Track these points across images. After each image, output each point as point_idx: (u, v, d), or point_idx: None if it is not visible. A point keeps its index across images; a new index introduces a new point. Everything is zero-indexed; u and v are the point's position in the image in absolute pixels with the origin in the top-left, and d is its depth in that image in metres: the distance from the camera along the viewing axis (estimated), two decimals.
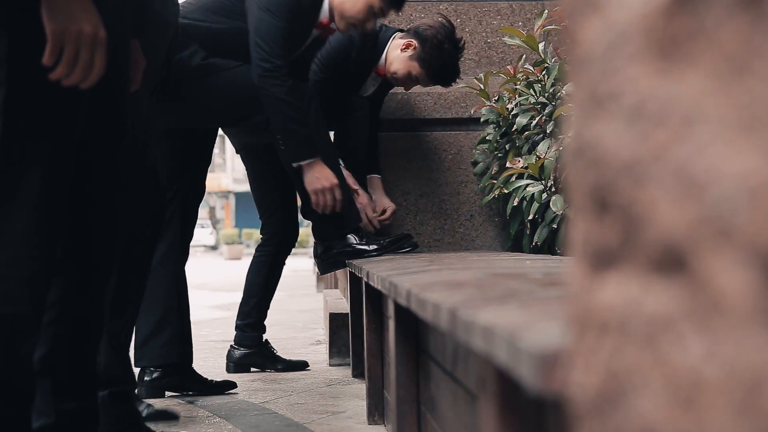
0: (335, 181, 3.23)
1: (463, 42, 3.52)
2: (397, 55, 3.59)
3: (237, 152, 3.83)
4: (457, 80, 3.56)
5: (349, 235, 3.31)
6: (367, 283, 2.61)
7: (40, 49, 1.48)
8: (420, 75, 3.52)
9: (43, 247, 1.56)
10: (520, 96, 3.32)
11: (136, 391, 2.57)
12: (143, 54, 1.96)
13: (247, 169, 3.90)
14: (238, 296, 4.23)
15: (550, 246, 3.02)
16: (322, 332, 5.34)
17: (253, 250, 4.15)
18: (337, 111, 3.57)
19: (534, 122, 3.19)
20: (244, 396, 3.27)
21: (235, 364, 3.88)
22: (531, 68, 3.28)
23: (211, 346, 4.94)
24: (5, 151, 1.50)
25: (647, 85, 0.47)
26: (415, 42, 3.53)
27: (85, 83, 1.52)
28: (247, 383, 3.56)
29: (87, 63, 1.50)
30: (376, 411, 2.67)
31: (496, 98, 3.54)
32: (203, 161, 3.45)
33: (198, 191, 3.41)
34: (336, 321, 4.10)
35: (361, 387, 3.31)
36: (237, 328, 3.90)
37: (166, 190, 3.28)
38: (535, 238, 3.04)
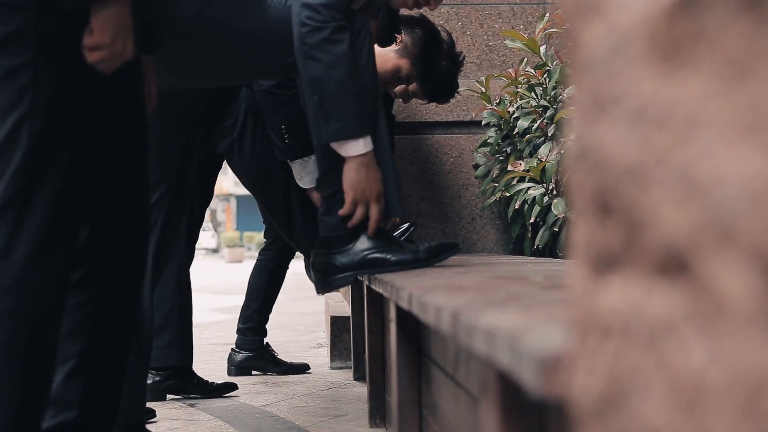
0: (374, 194, 2.31)
1: (462, 57, 3.32)
2: (379, 51, 3.08)
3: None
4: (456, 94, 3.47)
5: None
6: (368, 287, 2.61)
7: (66, 52, 1.59)
8: (411, 74, 3.16)
9: (64, 245, 1.61)
10: (521, 99, 3.32)
11: None
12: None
13: None
14: (238, 299, 4.23)
15: (552, 249, 3.02)
16: (324, 335, 5.34)
17: (254, 253, 4.16)
18: None
19: (535, 125, 3.19)
20: (246, 399, 3.27)
21: (236, 367, 3.88)
22: (532, 71, 3.28)
23: (212, 349, 4.94)
24: (30, 151, 1.56)
25: (649, 88, 0.47)
26: (401, 35, 3.16)
27: (110, 66, 1.63)
28: (248, 386, 3.56)
29: (121, 48, 1.64)
30: (377, 414, 2.67)
31: (497, 101, 3.54)
32: (214, 164, 3.43)
33: (206, 194, 3.40)
34: (337, 324, 4.10)
35: (362, 390, 3.31)
36: (238, 331, 3.91)
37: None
38: (537, 242, 3.04)
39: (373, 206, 2.26)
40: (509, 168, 3.18)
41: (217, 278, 15.63)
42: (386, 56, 3.18)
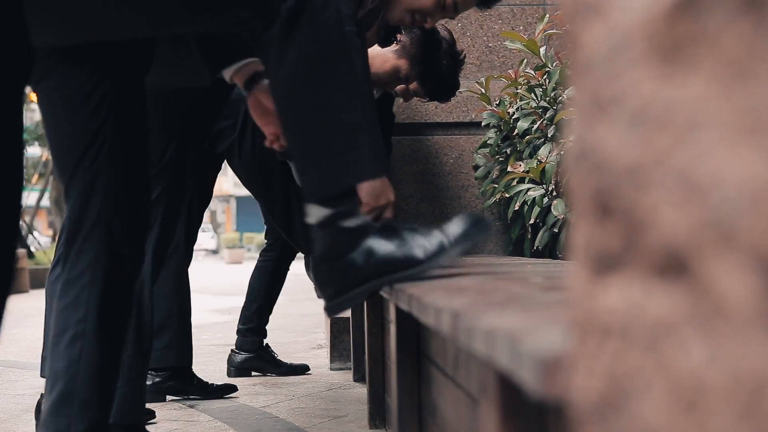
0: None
1: (463, 55, 3.33)
2: (378, 52, 3.11)
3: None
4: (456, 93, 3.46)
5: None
6: None
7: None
8: (409, 73, 3.17)
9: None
10: (521, 100, 3.32)
11: None
12: None
13: None
14: (238, 300, 4.23)
15: (552, 250, 3.02)
16: (323, 336, 5.34)
17: (254, 255, 4.17)
18: None
19: (535, 126, 3.19)
20: (245, 400, 3.27)
21: (236, 369, 3.88)
22: (532, 72, 3.28)
23: (212, 350, 4.94)
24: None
25: (649, 89, 0.47)
26: (401, 34, 3.18)
27: None
28: (248, 387, 3.56)
29: None
30: (377, 415, 2.67)
31: (497, 102, 3.54)
32: (213, 165, 3.43)
33: (205, 196, 3.40)
34: (337, 325, 4.10)
35: (362, 391, 3.31)
36: (238, 332, 3.90)
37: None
38: (537, 243, 3.04)
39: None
40: (509, 169, 3.18)
41: (217, 279, 15.62)
42: (385, 56, 3.17)
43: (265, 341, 3.94)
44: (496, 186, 3.31)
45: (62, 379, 1.72)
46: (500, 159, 3.45)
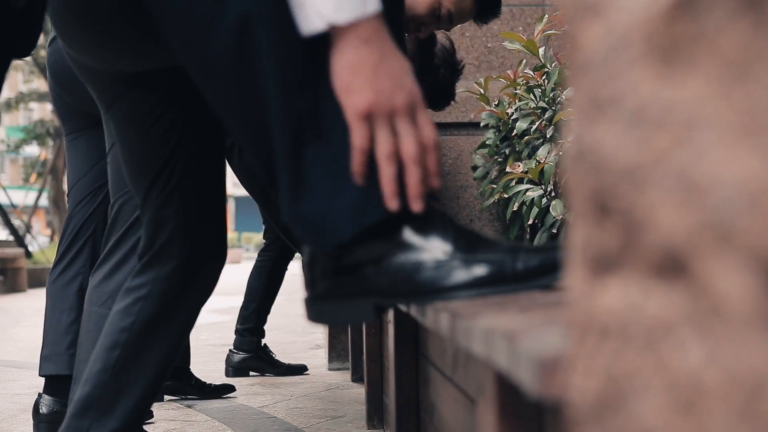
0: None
1: (462, 65, 3.31)
2: None
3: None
4: (452, 103, 3.44)
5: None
6: None
7: None
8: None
9: None
10: (520, 101, 3.32)
11: None
12: None
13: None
14: (236, 300, 4.23)
15: None
16: (322, 336, 5.34)
17: (252, 254, 4.17)
18: None
19: (534, 127, 3.19)
20: (243, 400, 3.27)
21: (234, 369, 3.88)
22: (531, 73, 3.28)
23: (209, 350, 4.94)
24: None
25: (648, 89, 0.47)
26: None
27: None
28: (246, 387, 3.56)
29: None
30: (375, 416, 2.67)
31: (496, 103, 3.54)
32: None
33: None
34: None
35: (360, 391, 3.31)
36: (236, 332, 3.90)
37: None
38: (535, 243, 3.04)
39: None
40: (508, 169, 3.18)
41: None
42: None
43: (263, 341, 3.94)
44: (495, 186, 3.30)
45: (93, 382, 1.74)
46: (499, 159, 3.45)
